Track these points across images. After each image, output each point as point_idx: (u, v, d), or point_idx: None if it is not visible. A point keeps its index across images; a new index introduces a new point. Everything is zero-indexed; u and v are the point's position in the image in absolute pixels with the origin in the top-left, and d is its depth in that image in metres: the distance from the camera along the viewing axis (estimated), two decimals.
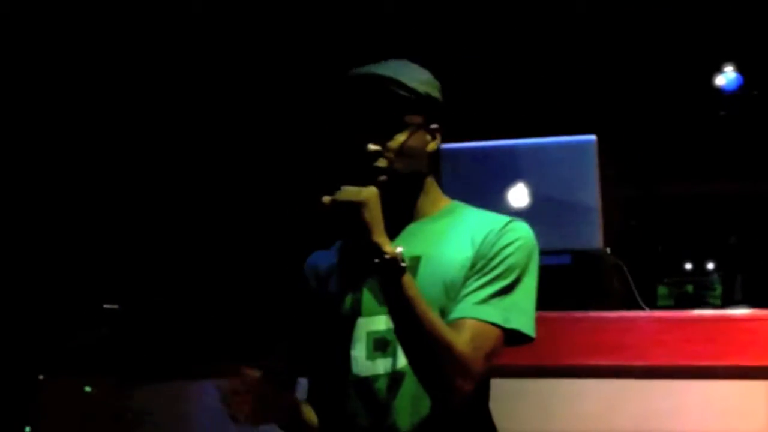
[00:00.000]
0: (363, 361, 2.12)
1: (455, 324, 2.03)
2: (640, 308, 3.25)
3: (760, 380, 2.97)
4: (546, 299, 3.19)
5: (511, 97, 5.19)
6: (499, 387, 2.25)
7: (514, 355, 2.15)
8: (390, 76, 2.14)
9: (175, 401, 3.67)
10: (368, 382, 2.11)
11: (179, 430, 3.65)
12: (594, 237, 3.18)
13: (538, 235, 2.16)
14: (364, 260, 1.98)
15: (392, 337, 2.08)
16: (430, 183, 2.24)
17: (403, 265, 1.97)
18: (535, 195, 3.21)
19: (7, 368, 3.85)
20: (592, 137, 3.18)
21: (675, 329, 3.06)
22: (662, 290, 3.79)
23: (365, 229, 1.97)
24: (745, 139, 5.11)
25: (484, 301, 2.05)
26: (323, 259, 2.30)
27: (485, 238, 2.11)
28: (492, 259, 2.09)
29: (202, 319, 3.74)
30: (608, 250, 3.23)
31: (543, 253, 2.14)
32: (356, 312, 2.15)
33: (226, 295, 4.41)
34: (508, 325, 2.05)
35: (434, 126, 2.21)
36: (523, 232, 2.14)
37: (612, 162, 3.33)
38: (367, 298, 2.15)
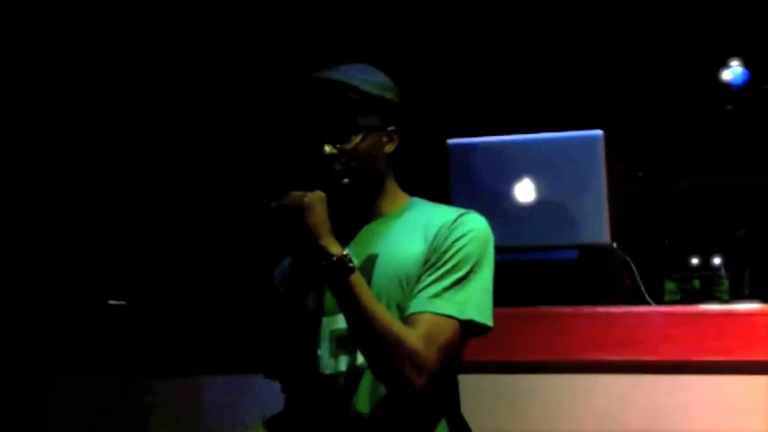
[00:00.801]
0: (327, 360, 2.17)
1: (410, 319, 2.07)
2: (647, 303, 3.25)
3: None
4: (553, 294, 3.20)
5: (517, 92, 5.18)
6: (507, 384, 2.25)
7: (520, 351, 2.16)
8: (341, 80, 2.18)
9: (186, 397, 3.67)
10: (332, 379, 2.15)
11: (191, 426, 3.66)
12: (601, 232, 3.17)
13: (546, 230, 2.16)
14: (313, 263, 2.02)
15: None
16: (390, 183, 2.28)
17: (351, 265, 2.01)
18: (541, 190, 3.21)
19: (19, 368, 3.85)
20: (599, 132, 3.17)
21: (683, 324, 3.05)
22: (669, 285, 3.78)
23: (310, 233, 2.01)
24: (752, 133, 5.10)
25: (438, 294, 2.08)
26: (290, 264, 2.33)
27: (438, 232, 2.15)
28: (445, 252, 2.12)
29: (211, 315, 3.74)
30: (615, 245, 3.23)
31: (550, 248, 2.14)
32: (320, 312, 2.20)
33: (236, 290, 4.41)
34: (463, 317, 2.09)
35: (391, 128, 2.24)
36: (475, 223, 2.17)
37: (619, 157, 3.32)
38: (329, 297, 2.17)
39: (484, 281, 2.14)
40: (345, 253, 2.02)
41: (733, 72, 5.23)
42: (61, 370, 3.80)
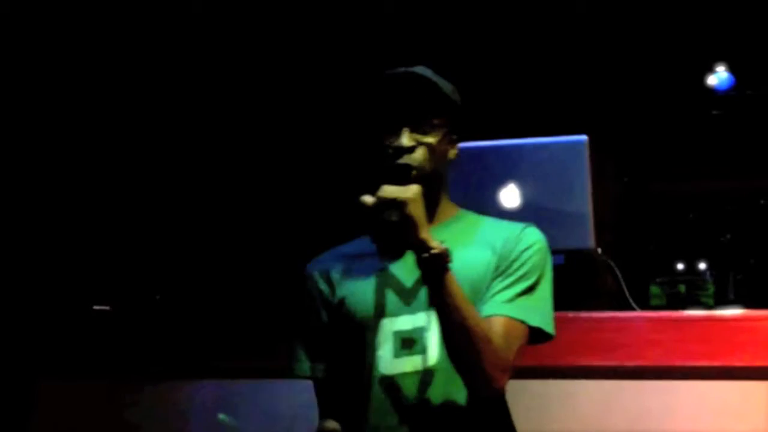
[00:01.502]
0: (390, 360, 2.17)
1: (486, 321, 2.12)
2: (632, 308, 3.25)
3: (754, 381, 2.98)
4: None
5: (502, 97, 5.18)
6: None
7: None
8: (431, 78, 2.21)
9: (171, 401, 3.66)
10: (396, 380, 2.16)
11: (176, 430, 3.65)
12: (586, 237, 3.18)
13: None
14: (416, 256, 2.04)
15: (418, 336, 2.16)
16: (445, 191, 2.31)
17: (450, 259, 2.04)
18: (526, 195, 3.21)
19: (2, 373, 3.83)
20: (584, 137, 3.18)
21: (667, 329, 3.06)
22: (655, 290, 3.78)
23: (413, 226, 2.02)
24: (737, 138, 5.12)
25: (511, 300, 2.15)
26: (330, 261, 2.34)
27: (505, 243, 2.22)
28: (514, 261, 2.20)
29: (196, 319, 3.73)
30: (600, 250, 3.23)
31: None
32: (380, 313, 2.20)
33: (221, 294, 4.40)
34: (532, 323, 2.16)
35: (455, 136, 2.29)
36: (538, 236, 2.26)
37: (604, 161, 3.33)
38: (391, 298, 2.21)
39: (547, 291, 2.23)
40: (446, 246, 2.04)
41: (718, 77, 5.25)
42: (45, 375, 3.79)
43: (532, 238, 2.24)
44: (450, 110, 2.25)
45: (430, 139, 2.21)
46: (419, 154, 2.19)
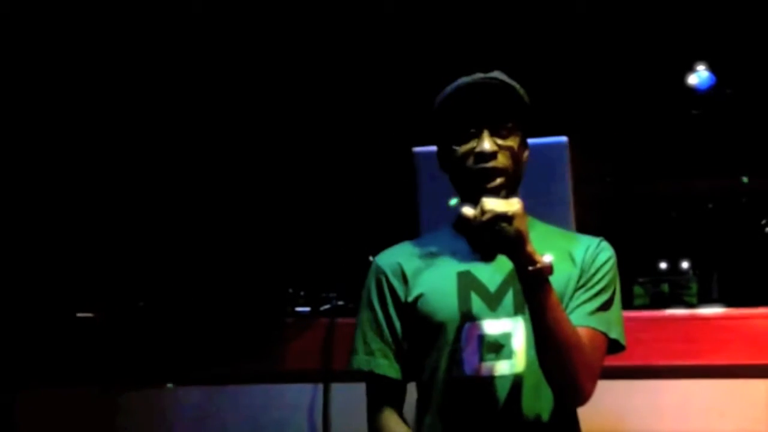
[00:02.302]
0: (476, 364, 2.20)
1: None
2: None
3: (737, 379, 2.99)
4: None
5: None
6: None
7: None
8: (512, 84, 2.25)
9: (155, 408, 3.66)
10: (482, 383, 2.19)
11: None
12: None
13: None
14: (519, 269, 2.07)
15: (506, 341, 2.20)
16: (518, 194, 2.31)
17: (552, 273, 2.08)
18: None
19: None
20: (564, 138, 3.18)
21: (651, 329, 3.07)
22: (638, 289, 3.79)
23: (522, 239, 2.05)
24: (718, 137, 5.13)
25: (594, 312, 2.22)
26: (403, 258, 2.35)
27: (585, 256, 2.28)
28: (594, 274, 2.26)
29: (180, 325, 3.72)
30: None
31: None
32: (464, 316, 2.23)
33: (205, 300, 4.39)
34: (612, 335, 2.23)
35: (527, 138, 2.34)
36: (612, 251, 2.33)
37: (585, 162, 3.33)
38: (475, 302, 2.23)
39: (619, 305, 2.30)
40: (549, 260, 2.07)
41: (699, 76, 5.26)
42: (28, 383, 3.78)
43: (609, 252, 2.30)
44: (525, 113, 2.29)
45: (511, 143, 2.24)
46: (503, 158, 2.22)
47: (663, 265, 4.06)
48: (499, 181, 2.21)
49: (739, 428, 2.96)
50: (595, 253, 2.28)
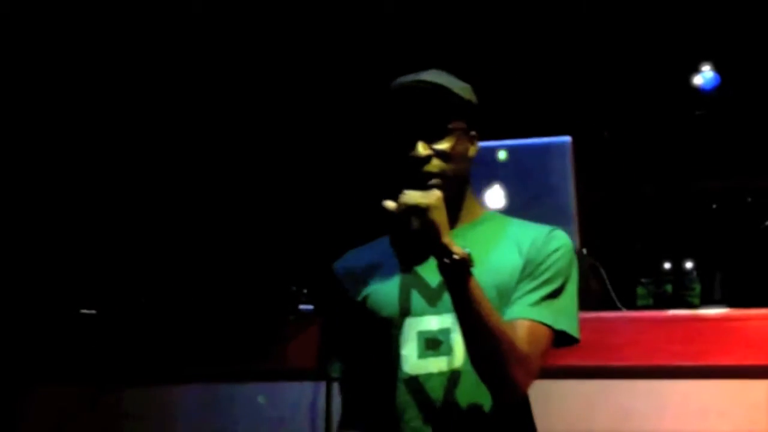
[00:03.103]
0: (414, 361, 2.17)
1: (510, 324, 2.11)
2: (617, 308, 3.26)
3: (740, 380, 2.98)
4: None
5: (486, 98, 5.19)
6: None
7: None
8: (440, 83, 2.20)
9: (158, 404, 3.66)
10: (420, 380, 2.16)
11: None
12: (571, 238, 3.17)
13: None
14: (438, 261, 2.02)
15: (444, 337, 2.16)
16: (470, 190, 2.31)
17: (472, 265, 2.03)
18: (511, 196, 3.22)
19: None
20: (567, 138, 3.18)
21: (653, 329, 3.06)
22: (641, 290, 3.79)
23: (435, 231, 2.01)
24: (722, 138, 5.12)
25: (537, 303, 2.14)
26: (357, 260, 2.34)
27: (532, 245, 2.21)
28: (540, 264, 2.18)
29: (182, 322, 3.73)
30: (585, 250, 3.24)
31: None
32: (405, 312, 2.20)
33: (208, 297, 4.40)
34: (557, 327, 2.15)
35: (473, 133, 2.28)
36: (565, 240, 2.24)
37: (589, 162, 3.33)
38: (416, 298, 2.20)
39: (573, 295, 2.21)
40: (468, 252, 2.03)
41: (704, 77, 5.26)
42: (32, 379, 3.79)
43: (560, 241, 2.22)
44: (464, 110, 2.24)
45: (446, 145, 2.20)
46: (436, 162, 2.19)
47: (666, 266, 4.06)
48: (434, 182, 2.16)
49: (740, 429, 2.95)
50: (543, 242, 2.21)
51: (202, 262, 4.95)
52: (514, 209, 3.18)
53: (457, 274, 2.03)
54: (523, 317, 2.12)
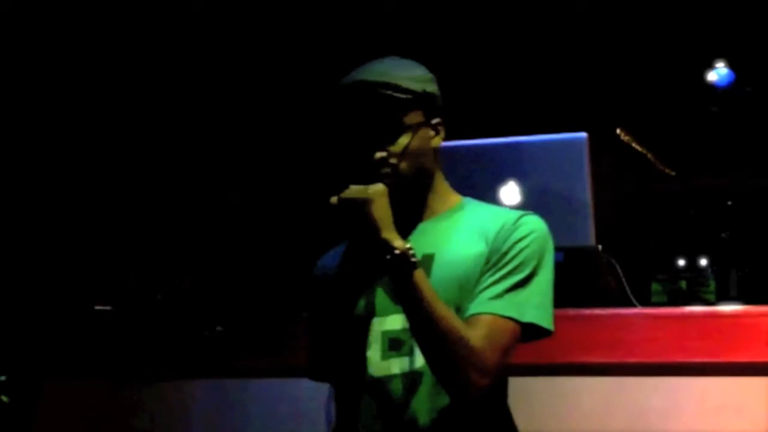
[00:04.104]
0: (377, 362, 2.11)
1: (471, 320, 2.02)
2: (633, 305, 3.25)
3: (756, 377, 2.97)
4: None
5: (502, 94, 5.18)
6: None
7: None
8: (383, 80, 2.11)
9: (172, 401, 3.67)
10: (383, 382, 2.09)
11: (177, 429, 3.66)
12: (586, 234, 3.18)
13: None
14: (375, 257, 1.98)
15: (407, 336, 2.08)
16: (439, 180, 2.22)
17: (414, 260, 1.96)
18: (526, 193, 3.22)
19: (5, 373, 3.84)
20: (583, 134, 3.18)
21: (669, 326, 3.06)
22: (656, 287, 3.78)
23: (373, 226, 1.97)
24: (737, 135, 5.10)
25: (499, 296, 2.04)
26: (330, 259, 2.27)
27: (498, 233, 2.10)
28: (506, 253, 2.08)
29: (198, 318, 3.74)
30: (600, 247, 3.23)
31: None
32: (370, 312, 2.13)
33: (223, 293, 4.40)
34: (523, 319, 2.05)
35: (436, 120, 2.18)
36: (536, 225, 2.13)
37: (604, 158, 3.33)
38: (381, 297, 2.13)
39: (544, 284, 2.10)
40: (408, 246, 1.97)
41: (718, 73, 5.23)
42: (47, 375, 3.80)
43: (530, 226, 2.11)
44: (418, 101, 2.13)
45: (402, 144, 2.11)
46: (392, 163, 2.10)
47: (681, 263, 4.05)
48: (387, 182, 2.07)
49: (757, 427, 2.95)
50: (510, 229, 2.09)
51: (217, 259, 4.96)
52: (529, 206, 3.18)
53: (399, 269, 1.96)
54: (483, 312, 2.02)
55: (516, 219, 2.12)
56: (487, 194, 3.21)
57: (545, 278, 2.10)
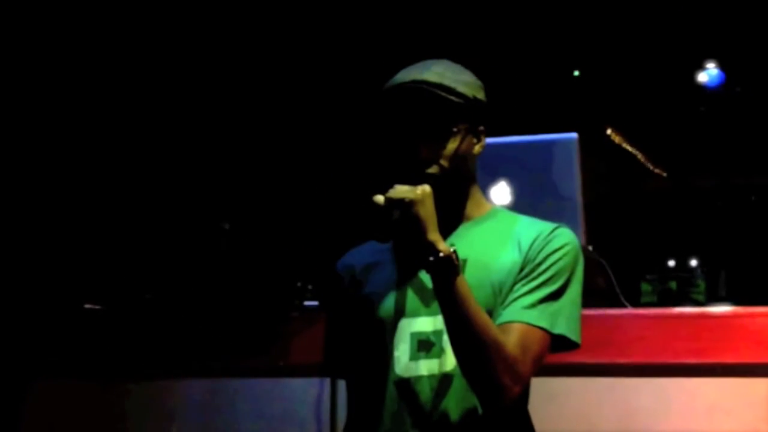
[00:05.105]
0: (406, 362, 2.10)
1: (503, 327, 2.02)
2: (622, 305, 3.26)
3: (745, 377, 2.98)
4: None
5: (493, 95, 5.19)
6: None
7: None
8: (440, 82, 2.12)
9: (162, 399, 3.66)
10: (410, 383, 2.09)
11: (167, 428, 3.65)
12: (576, 234, 3.17)
13: None
14: (419, 258, 1.97)
15: (437, 339, 2.08)
16: (475, 186, 2.23)
17: (458, 264, 1.96)
18: (517, 193, 3.21)
19: None
20: (574, 135, 3.18)
21: (658, 326, 3.06)
22: (645, 287, 3.79)
23: (420, 227, 1.96)
24: (726, 135, 5.12)
25: (533, 305, 2.05)
26: (357, 258, 2.27)
27: (533, 243, 2.11)
28: (540, 264, 2.09)
29: (187, 318, 3.73)
30: (590, 247, 3.24)
31: None
32: (399, 313, 2.13)
33: (212, 293, 4.40)
34: (554, 330, 2.05)
35: (481, 128, 2.20)
36: (569, 238, 2.14)
37: (595, 159, 3.33)
38: (411, 298, 2.13)
39: (575, 296, 2.10)
40: (453, 250, 1.96)
41: (708, 74, 5.25)
42: (36, 373, 3.79)
43: (564, 239, 2.12)
44: (469, 108, 2.15)
45: (451, 148, 2.12)
46: (437, 167, 2.11)
47: (671, 263, 4.06)
48: (434, 182, 2.06)
49: (745, 427, 2.95)
50: (545, 240, 2.10)
51: (208, 258, 4.95)
52: (520, 206, 3.18)
53: (442, 272, 1.96)
54: (517, 320, 2.02)
55: (551, 231, 2.14)
56: None
57: (576, 291, 2.11)
